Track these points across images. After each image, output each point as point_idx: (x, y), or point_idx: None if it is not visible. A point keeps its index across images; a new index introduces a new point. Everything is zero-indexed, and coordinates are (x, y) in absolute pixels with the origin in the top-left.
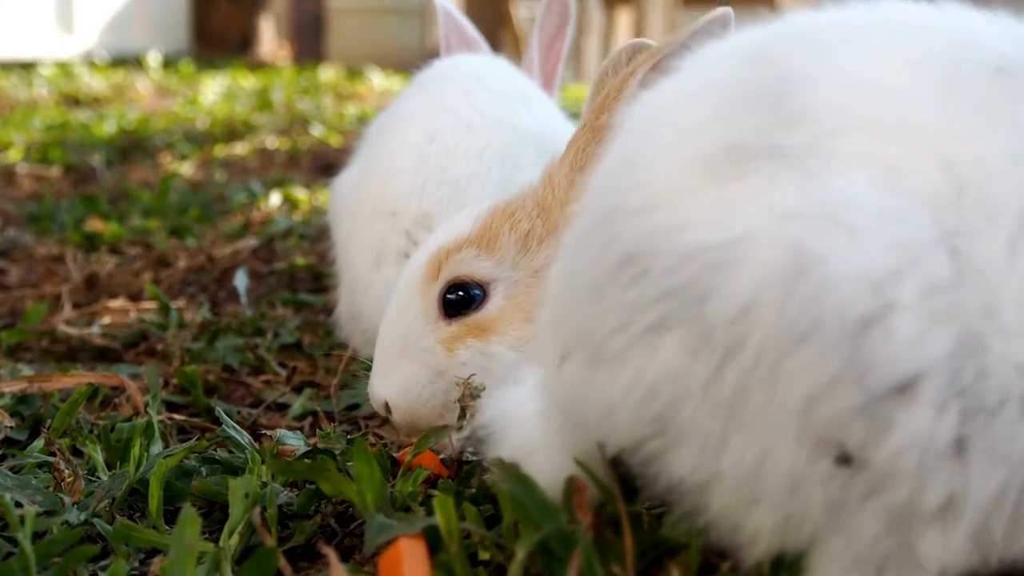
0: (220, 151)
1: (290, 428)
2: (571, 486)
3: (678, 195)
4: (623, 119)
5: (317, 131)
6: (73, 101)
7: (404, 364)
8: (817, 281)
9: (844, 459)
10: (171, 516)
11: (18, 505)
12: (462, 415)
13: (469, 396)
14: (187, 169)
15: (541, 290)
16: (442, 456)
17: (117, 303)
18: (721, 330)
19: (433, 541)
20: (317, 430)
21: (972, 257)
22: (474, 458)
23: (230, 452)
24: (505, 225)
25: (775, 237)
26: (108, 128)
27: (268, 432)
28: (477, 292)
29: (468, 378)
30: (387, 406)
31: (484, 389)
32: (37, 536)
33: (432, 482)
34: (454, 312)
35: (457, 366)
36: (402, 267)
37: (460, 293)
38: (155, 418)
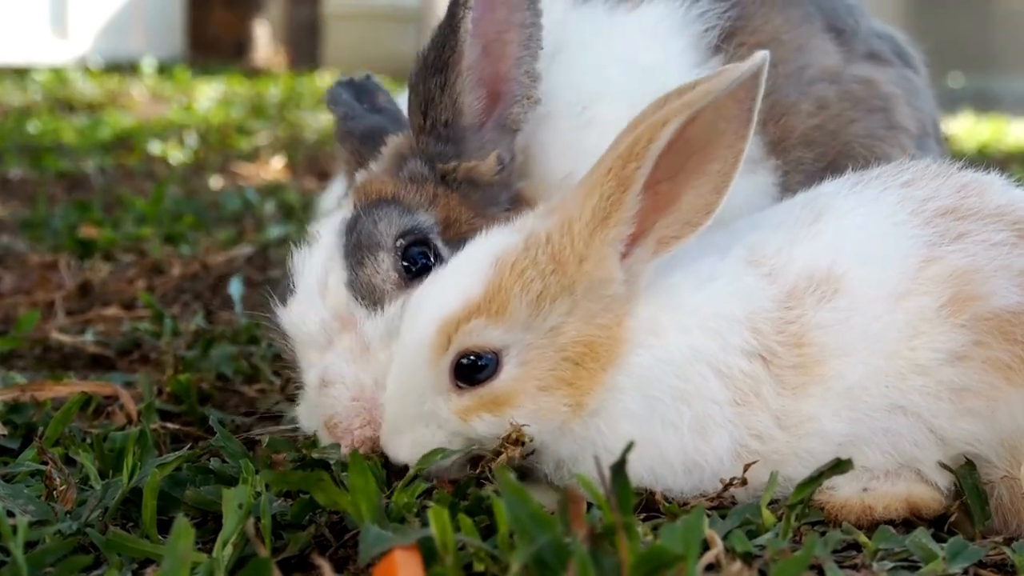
0: (215, 158)
1: (284, 437)
2: (567, 498)
3: None
4: None
5: (312, 137)
6: (67, 107)
7: (417, 427)
8: None
9: None
10: (164, 526)
11: (10, 514)
12: (496, 454)
13: (513, 441)
14: (181, 175)
15: (555, 349)
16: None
17: (111, 311)
18: None
19: (428, 552)
20: (305, 440)
21: None
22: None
23: (224, 462)
24: (516, 286)
25: None
26: (102, 134)
27: (262, 440)
28: (489, 359)
29: (519, 427)
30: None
31: (532, 440)
32: (29, 545)
33: (428, 493)
34: (466, 381)
35: (473, 432)
36: None
37: (472, 358)
38: (148, 427)
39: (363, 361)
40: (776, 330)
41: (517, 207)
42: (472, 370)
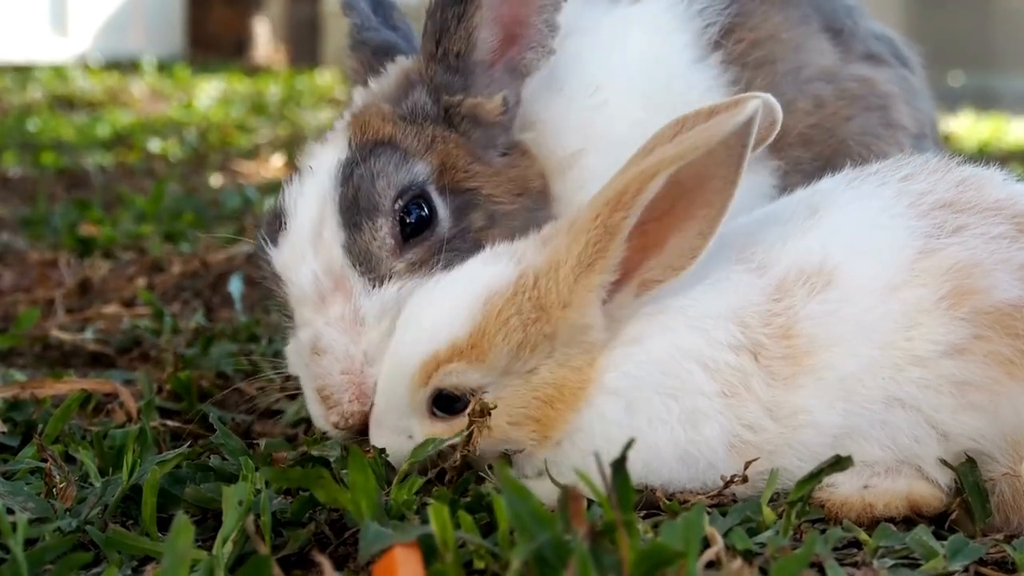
0: (215, 156)
1: (284, 435)
2: (567, 495)
3: None
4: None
5: (312, 135)
6: (67, 104)
7: (393, 434)
8: None
9: None
10: (164, 523)
11: (10, 512)
12: (468, 427)
13: (478, 412)
14: (181, 173)
15: (529, 388)
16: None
17: (110, 308)
18: None
19: (428, 550)
20: (305, 437)
21: None
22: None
23: (224, 459)
24: (498, 336)
25: None
26: (102, 132)
27: (262, 438)
28: (467, 397)
29: (480, 394)
30: None
31: (495, 407)
32: (29, 543)
33: (427, 490)
34: (443, 411)
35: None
36: None
37: (449, 393)
38: (148, 424)
39: (354, 333)
40: (763, 323)
41: (514, 155)
42: (450, 401)
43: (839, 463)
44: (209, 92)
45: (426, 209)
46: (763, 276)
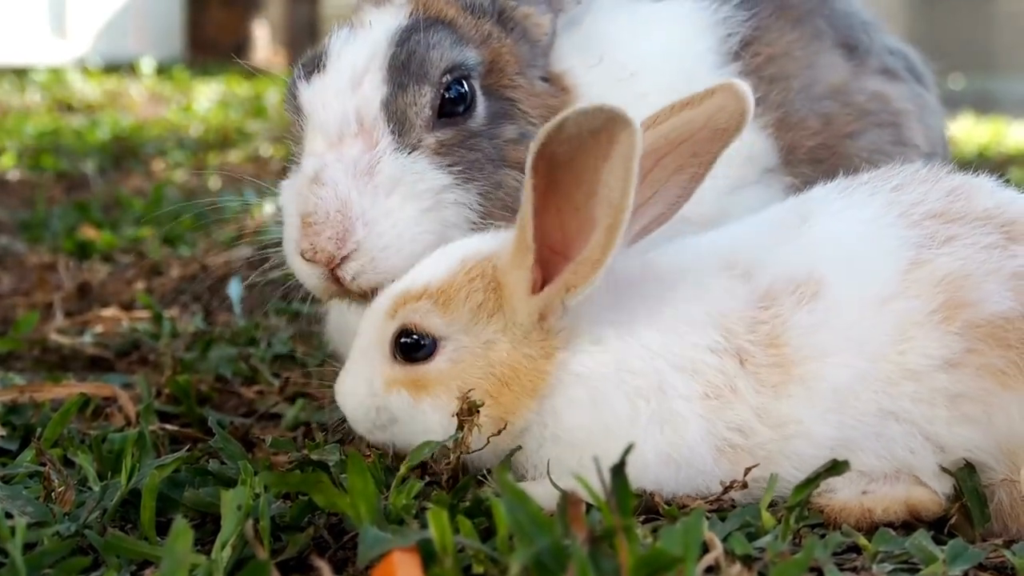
0: (214, 159)
1: (283, 438)
2: (566, 500)
3: None
4: None
5: None
6: (66, 107)
7: (358, 372)
8: None
9: None
10: (163, 527)
11: (9, 516)
12: (460, 428)
13: (467, 411)
14: (180, 177)
15: (486, 362)
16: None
17: (109, 312)
18: None
19: (427, 554)
20: (307, 441)
21: None
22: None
23: (223, 463)
24: (463, 291)
25: None
26: (101, 135)
27: (261, 440)
28: (428, 342)
29: (467, 392)
30: None
31: (482, 404)
32: (28, 547)
33: (426, 495)
34: (403, 354)
35: (388, 404)
36: None
37: (413, 338)
38: (147, 428)
39: (362, 182)
40: (748, 329)
41: (555, 86)
42: (410, 348)
43: (835, 467)
44: (208, 95)
45: (468, 94)
46: (748, 283)
